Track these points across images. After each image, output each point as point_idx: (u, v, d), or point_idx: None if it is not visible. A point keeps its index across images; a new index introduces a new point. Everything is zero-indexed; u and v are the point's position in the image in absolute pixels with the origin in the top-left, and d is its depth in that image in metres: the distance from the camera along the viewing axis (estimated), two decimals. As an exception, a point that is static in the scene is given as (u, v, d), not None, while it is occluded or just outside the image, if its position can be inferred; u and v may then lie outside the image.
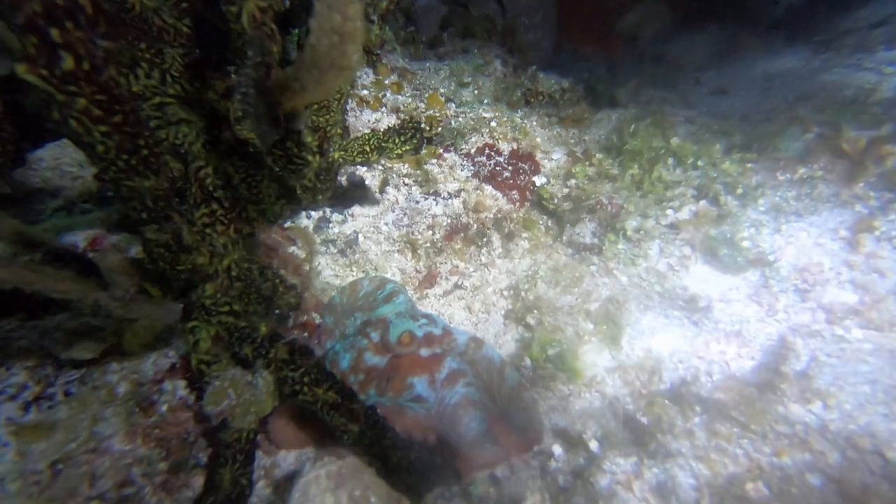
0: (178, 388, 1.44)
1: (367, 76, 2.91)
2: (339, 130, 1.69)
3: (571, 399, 1.47)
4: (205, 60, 1.16)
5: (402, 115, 2.60)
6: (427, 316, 1.52)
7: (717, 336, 1.48)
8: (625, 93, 3.71)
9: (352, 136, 2.02)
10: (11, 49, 0.81)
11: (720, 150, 2.08)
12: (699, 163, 2.07)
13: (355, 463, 1.24)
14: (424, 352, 1.38)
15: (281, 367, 1.33)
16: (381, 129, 1.67)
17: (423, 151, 2.47)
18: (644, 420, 1.24)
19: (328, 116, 1.63)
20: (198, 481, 1.42)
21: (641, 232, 2.03)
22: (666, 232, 1.99)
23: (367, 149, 1.66)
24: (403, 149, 1.67)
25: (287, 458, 1.52)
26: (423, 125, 1.61)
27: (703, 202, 1.93)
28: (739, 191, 1.92)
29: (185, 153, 1.29)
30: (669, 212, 1.98)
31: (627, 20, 5.49)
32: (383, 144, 1.64)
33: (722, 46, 4.91)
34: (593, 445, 1.23)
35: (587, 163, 2.34)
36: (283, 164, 1.15)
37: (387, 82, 2.85)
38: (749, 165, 1.96)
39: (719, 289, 1.70)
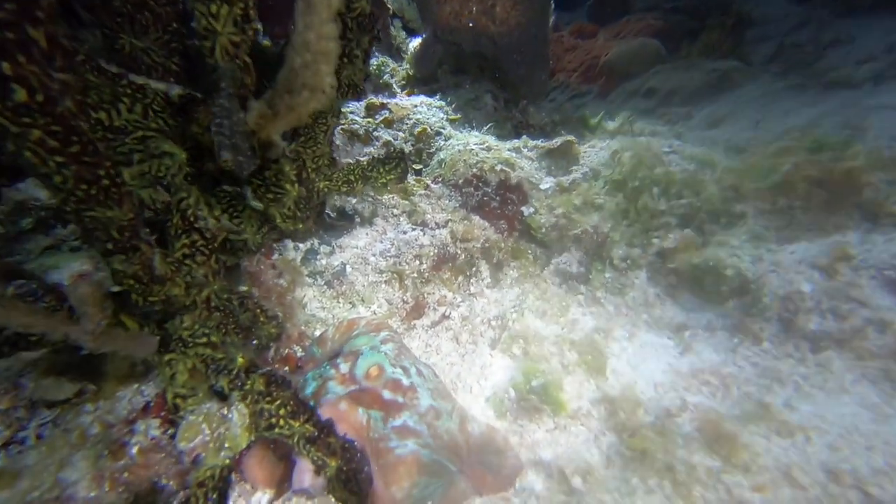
0: (151, 427, 1.43)
1: (358, 110, 3.04)
2: (325, 162, 1.77)
3: (556, 433, 1.45)
4: (190, 95, 1.24)
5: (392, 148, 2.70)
6: (405, 367, 1.50)
7: (701, 367, 1.49)
8: (615, 125, 3.86)
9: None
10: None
11: (704, 182, 2.14)
12: (684, 192, 2.14)
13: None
14: (387, 394, 1.37)
15: (257, 399, 1.34)
16: (366, 160, 1.74)
17: (411, 181, 2.55)
18: (627, 453, 1.22)
19: (314, 148, 1.71)
20: None
21: (628, 261, 2.07)
22: (654, 261, 2.03)
23: (353, 178, 1.73)
24: (388, 178, 1.74)
25: (262, 499, 1.49)
26: (407, 153, 1.69)
27: (687, 230, 1.97)
28: (723, 220, 1.97)
29: (167, 185, 1.35)
30: (655, 240, 2.02)
31: (619, 56, 5.75)
32: (368, 174, 1.71)
33: (715, 81, 5.12)
34: (576, 482, 1.21)
35: (574, 192, 2.41)
36: (261, 193, 1.20)
37: (378, 118, 2.98)
38: (731, 195, 2.02)
39: (705, 316, 1.72)
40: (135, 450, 1.37)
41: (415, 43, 4.69)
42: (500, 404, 1.59)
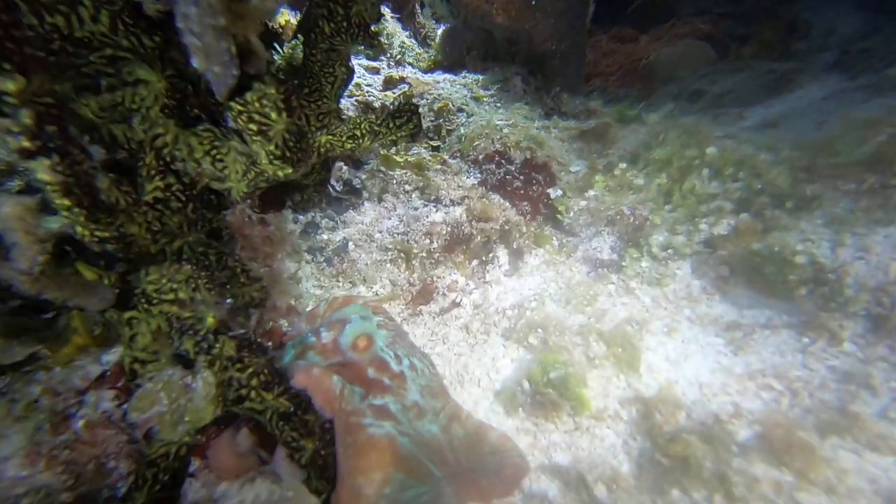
0: (104, 399, 1.28)
1: (375, 83, 2.93)
2: (331, 120, 1.62)
3: (576, 434, 1.24)
4: (170, 14, 1.11)
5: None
6: (397, 355, 1.32)
7: (761, 368, 1.24)
8: (656, 117, 3.59)
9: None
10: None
11: (766, 161, 1.89)
12: (740, 174, 1.88)
13: (298, 491, 1.04)
14: (372, 372, 1.18)
15: (226, 366, 1.18)
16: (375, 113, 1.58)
17: (426, 155, 2.39)
18: (665, 461, 1.00)
19: (319, 102, 1.57)
20: None
21: (669, 250, 1.83)
22: (700, 250, 1.78)
23: (358, 133, 1.57)
24: (398, 134, 1.57)
25: (228, 493, 1.33)
26: (420, 108, 1.52)
27: (744, 215, 1.72)
28: (789, 204, 1.71)
29: (142, 120, 1.22)
30: (703, 226, 1.77)
31: (663, 58, 5.44)
32: (376, 128, 1.55)
33: (771, 83, 4.76)
34: (600, 491, 0.99)
35: (609, 173, 2.19)
36: (244, 123, 1.05)
37: (395, 91, 2.85)
38: (802, 175, 1.76)
39: (764, 313, 1.46)
40: (80, 423, 1.22)
41: (442, 30, 4.59)
42: (511, 399, 1.39)
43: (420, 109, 2.73)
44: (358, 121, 1.63)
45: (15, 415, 1.23)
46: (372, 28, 1.53)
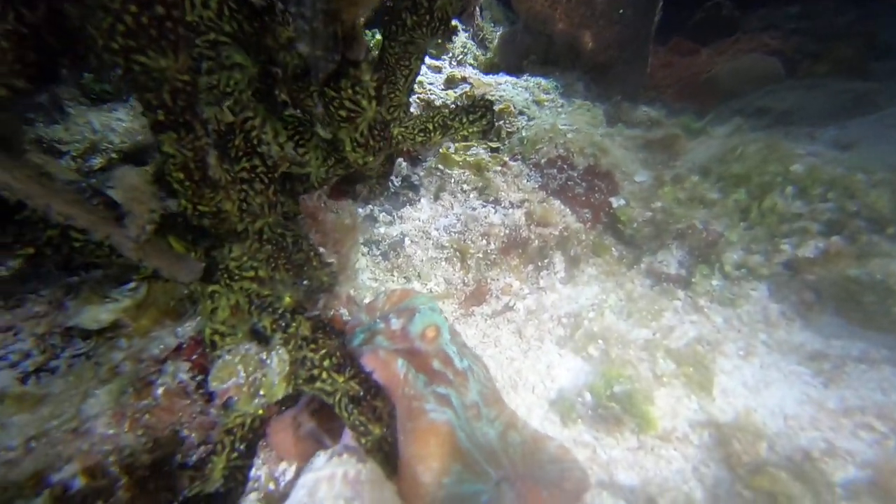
0: (181, 370, 1.35)
1: (437, 82, 2.95)
2: (402, 113, 1.64)
3: (640, 454, 1.18)
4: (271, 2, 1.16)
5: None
6: (460, 353, 1.31)
7: (859, 405, 1.14)
8: (724, 131, 3.43)
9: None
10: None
11: (862, 182, 1.75)
12: (830, 195, 1.75)
13: (377, 472, 1.05)
14: (437, 364, 1.18)
15: (300, 345, 1.21)
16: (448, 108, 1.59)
17: (486, 157, 2.38)
18: (747, 494, 0.93)
19: (393, 95, 1.59)
20: (182, 486, 1.28)
21: (744, 269, 1.73)
22: (779, 272, 1.67)
23: (430, 127, 1.58)
24: (470, 130, 1.57)
25: (287, 472, 1.36)
26: (494, 106, 1.51)
27: (834, 238, 1.60)
28: (891, 230, 1.57)
29: (234, 103, 1.28)
30: (786, 247, 1.66)
31: (727, 72, 5.16)
32: (449, 123, 1.55)
33: (848, 103, 4.43)
34: (670, 517, 0.94)
35: (678, 185, 2.10)
36: (334, 109, 1.07)
37: (456, 91, 2.87)
38: (902, 200, 1.62)
39: (857, 345, 1.35)
40: (160, 391, 1.30)
41: (500, 33, 4.58)
42: (568, 409, 1.34)
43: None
44: (431, 114, 1.64)
45: (100, 377, 1.31)
46: (452, 23, 1.54)
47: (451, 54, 3.61)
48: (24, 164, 0.85)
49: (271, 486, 1.25)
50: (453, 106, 1.64)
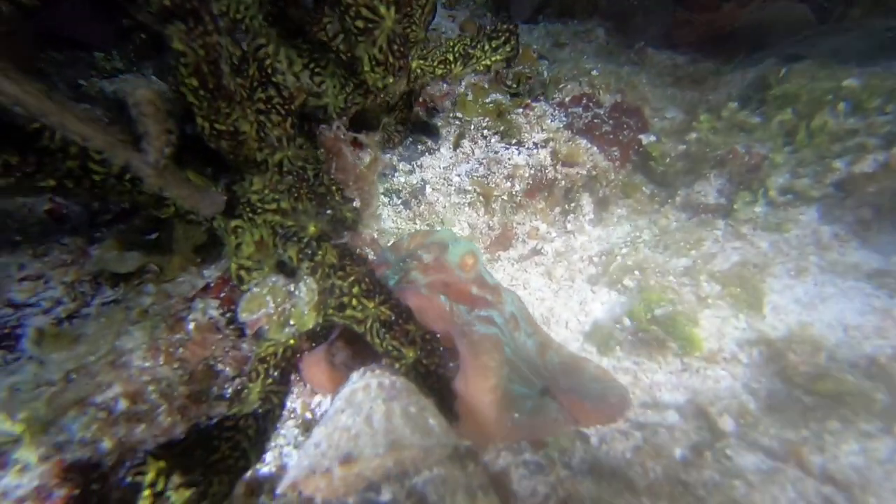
0: (210, 307, 1.36)
1: (451, 31, 2.84)
2: (419, 51, 1.57)
3: (685, 375, 1.12)
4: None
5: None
6: (490, 273, 1.30)
7: (928, 312, 1.05)
8: (757, 70, 3.22)
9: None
10: None
11: (922, 89, 1.60)
12: (889, 107, 1.61)
13: (411, 385, 1.04)
14: (475, 290, 1.15)
15: (328, 273, 1.18)
16: (468, 36, 1.51)
17: (507, 102, 2.28)
18: (808, 399, 0.87)
19: (409, 30, 1.52)
20: (220, 413, 1.31)
21: (790, 194, 1.62)
22: (830, 193, 1.56)
23: (451, 58, 1.51)
24: (493, 58, 1.49)
25: (323, 404, 1.37)
26: (517, 28, 1.43)
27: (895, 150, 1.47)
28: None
29: (245, 30, 1.23)
30: (839, 164, 1.54)
31: (753, 22, 4.83)
32: (470, 51, 1.48)
33: (889, 44, 4.07)
34: (726, 423, 0.88)
35: (715, 114, 1.97)
36: (350, 22, 1.02)
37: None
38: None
39: (923, 259, 1.24)
40: (191, 325, 1.31)
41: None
42: (606, 338, 1.29)
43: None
44: (452, 43, 1.56)
45: (131, 320, 1.32)
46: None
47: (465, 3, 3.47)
48: (35, 81, 0.83)
49: (308, 415, 1.25)
50: (474, 34, 1.56)
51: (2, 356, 1.15)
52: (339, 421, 0.75)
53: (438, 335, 0.98)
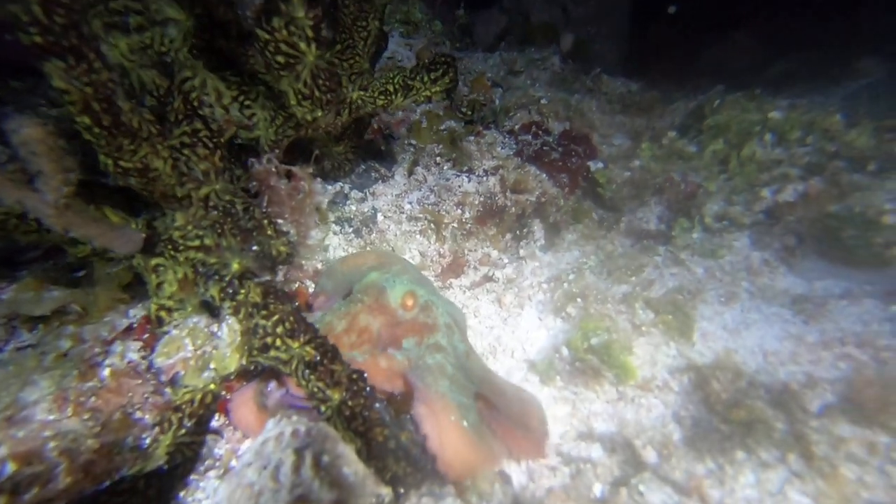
0: (130, 350, 1.29)
1: (407, 60, 2.90)
2: (364, 82, 1.58)
3: (620, 404, 1.14)
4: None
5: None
6: (426, 285, 1.31)
7: (839, 337, 1.10)
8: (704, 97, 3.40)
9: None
10: None
11: (841, 123, 1.72)
12: (809, 139, 1.72)
13: (330, 431, 1.01)
14: (423, 317, 1.16)
15: (251, 312, 1.15)
16: (407, 68, 1.53)
17: (459, 128, 2.33)
18: (724, 428, 0.89)
19: (352, 61, 1.54)
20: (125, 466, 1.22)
21: (725, 221, 1.69)
22: (760, 220, 1.64)
23: (391, 88, 1.53)
24: (433, 90, 1.52)
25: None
26: (455, 61, 1.46)
27: (814, 180, 1.57)
28: (872, 167, 1.54)
29: (170, 63, 1.22)
30: (766, 193, 1.63)
31: (710, 54, 5.15)
32: (409, 83, 1.50)
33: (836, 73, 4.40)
34: (649, 455, 0.89)
35: (656, 143, 2.06)
36: (271, 54, 1.02)
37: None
38: (888, 136, 1.58)
39: (840, 285, 1.31)
40: (106, 372, 1.23)
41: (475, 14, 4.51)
42: (547, 367, 1.30)
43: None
44: (391, 75, 1.59)
45: (45, 366, 1.24)
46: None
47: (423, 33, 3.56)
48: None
49: (234, 462, 1.20)
50: (413, 65, 1.59)
51: None
52: (244, 476, 0.72)
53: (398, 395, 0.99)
